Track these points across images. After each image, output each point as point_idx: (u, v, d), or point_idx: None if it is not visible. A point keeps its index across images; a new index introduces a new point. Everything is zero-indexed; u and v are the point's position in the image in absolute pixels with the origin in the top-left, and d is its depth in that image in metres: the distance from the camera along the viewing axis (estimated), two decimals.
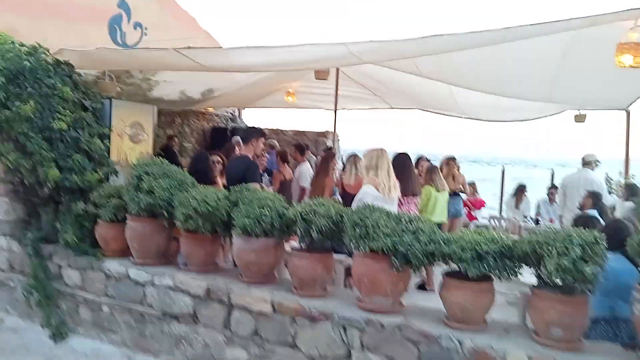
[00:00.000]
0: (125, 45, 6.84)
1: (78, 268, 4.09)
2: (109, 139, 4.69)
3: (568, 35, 4.25)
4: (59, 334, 4.03)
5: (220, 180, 5.15)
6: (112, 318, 3.94)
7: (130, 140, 5.43)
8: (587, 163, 6.97)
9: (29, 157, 4.05)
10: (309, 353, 3.15)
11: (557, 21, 3.36)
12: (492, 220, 9.24)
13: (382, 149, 4.51)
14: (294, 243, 4.02)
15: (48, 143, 4.07)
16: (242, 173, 4.45)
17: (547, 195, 9.12)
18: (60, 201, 4.21)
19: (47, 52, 4.35)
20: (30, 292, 4.16)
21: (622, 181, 7.20)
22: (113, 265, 3.93)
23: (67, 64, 4.47)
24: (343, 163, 7.37)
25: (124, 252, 4.03)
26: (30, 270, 4.18)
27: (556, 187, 9.16)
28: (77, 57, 4.52)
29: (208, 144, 11.33)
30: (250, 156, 4.76)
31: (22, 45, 4.29)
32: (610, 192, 7.09)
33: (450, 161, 8.15)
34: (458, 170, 8.14)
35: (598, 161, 7.08)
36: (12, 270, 4.45)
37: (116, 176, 4.56)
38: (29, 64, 4.10)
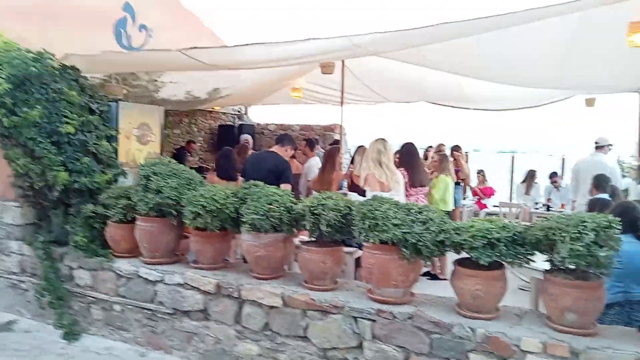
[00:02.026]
0: (130, 48, 6.86)
1: (89, 269, 4.12)
2: (117, 141, 4.72)
3: (576, 18, 4.17)
4: (71, 334, 4.07)
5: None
6: (124, 316, 3.97)
7: (138, 142, 5.47)
8: (599, 147, 6.82)
9: (38, 162, 4.09)
10: (320, 345, 3.15)
11: (566, 2, 3.29)
12: (502, 208, 9.15)
13: (376, 140, 4.48)
14: (304, 237, 4.02)
15: (56, 147, 4.10)
16: (278, 171, 4.50)
17: (551, 183, 9.03)
18: (70, 204, 4.24)
19: (53, 58, 4.38)
20: (42, 293, 4.20)
21: (635, 164, 7.08)
22: (123, 265, 3.95)
23: (74, 68, 4.50)
24: (351, 156, 7.36)
25: (134, 252, 4.06)
26: (41, 272, 4.23)
27: (556, 174, 9.08)
28: (83, 62, 4.55)
29: (216, 142, 11.39)
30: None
31: (28, 51, 4.32)
32: (623, 176, 6.95)
33: (454, 151, 8.13)
34: (463, 159, 8.13)
35: (611, 145, 6.92)
36: (24, 273, 4.50)
37: (125, 177, 4.58)
38: (35, 70, 4.13)
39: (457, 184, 7.82)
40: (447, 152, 8.01)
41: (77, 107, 4.28)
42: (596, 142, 6.85)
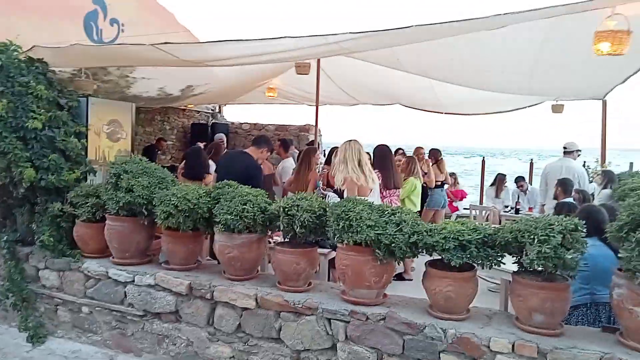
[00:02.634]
0: (101, 42, 6.71)
1: (56, 269, 4.00)
2: (86, 137, 4.60)
3: (546, 25, 4.30)
4: (36, 337, 3.94)
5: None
6: (92, 319, 3.87)
7: (108, 139, 5.34)
8: (568, 152, 7.00)
9: (2, 157, 3.94)
10: (294, 347, 3.15)
11: (534, 9, 3.38)
12: (473, 211, 9.33)
13: (349, 141, 4.49)
14: (277, 238, 4.00)
15: (22, 142, 3.96)
16: (248, 175, 4.42)
17: (517, 187, 9.24)
18: (36, 202, 4.11)
19: (19, 50, 4.23)
20: (5, 295, 4.05)
21: (599, 169, 7.32)
22: (92, 266, 3.85)
23: (41, 61, 4.36)
24: (324, 157, 7.37)
25: (104, 252, 3.96)
26: (5, 273, 4.08)
27: (523, 178, 9.31)
28: (51, 54, 4.41)
29: (189, 141, 11.25)
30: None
31: None
32: (590, 181, 7.16)
33: (437, 153, 8.27)
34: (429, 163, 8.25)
35: (579, 150, 7.12)
36: None
37: (94, 175, 4.47)
38: (0, 62, 3.99)
39: (438, 186, 7.94)
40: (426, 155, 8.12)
41: (45, 101, 4.15)
42: (564, 147, 7.04)
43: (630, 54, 4.11)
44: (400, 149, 9.16)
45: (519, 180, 9.28)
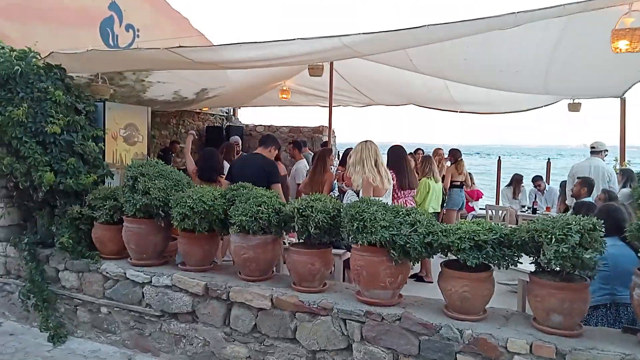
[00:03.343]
0: (117, 47, 6.82)
1: (75, 271, 4.07)
2: (104, 141, 4.67)
3: (561, 23, 4.24)
4: (57, 337, 4.02)
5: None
6: (111, 319, 3.93)
7: (125, 142, 5.42)
8: (596, 152, 6.87)
9: (23, 161, 4.03)
10: (309, 347, 3.15)
11: (550, 7, 3.34)
12: (489, 211, 9.24)
13: (365, 142, 4.48)
14: (292, 239, 4.02)
15: (42, 147, 4.05)
16: (265, 173, 4.48)
17: (534, 187, 9.12)
18: (56, 205, 4.18)
19: (38, 56, 4.32)
20: (27, 296, 4.14)
21: (618, 167, 7.19)
22: (110, 267, 3.91)
23: (59, 67, 4.44)
24: (339, 158, 7.37)
25: (121, 254, 4.02)
26: (26, 274, 4.16)
27: (541, 178, 9.18)
28: (68, 60, 4.50)
29: (203, 143, 11.34)
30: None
31: (13, 49, 4.26)
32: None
33: (456, 153, 8.22)
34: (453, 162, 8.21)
35: (607, 150, 6.97)
36: (8, 275, 4.43)
37: (112, 178, 4.54)
38: (19, 69, 4.07)
39: (457, 186, 7.90)
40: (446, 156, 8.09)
41: (63, 106, 4.23)
42: (592, 147, 6.89)
43: None
44: (419, 149, 9.12)
45: (536, 179, 9.16)
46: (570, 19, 3.98)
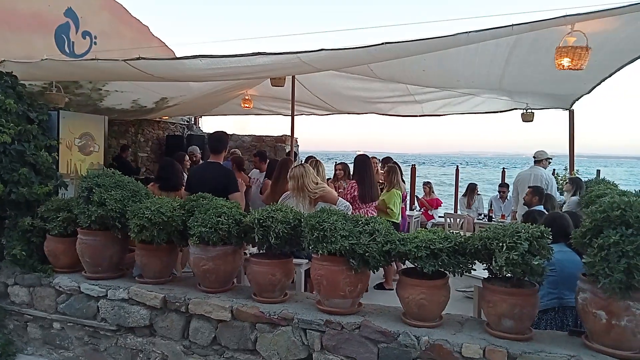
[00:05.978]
0: (73, 55, 6.64)
1: (26, 285, 3.92)
2: (58, 151, 4.54)
3: (511, 42, 4.45)
4: (5, 355, 3.84)
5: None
6: (64, 334, 3.80)
7: (80, 152, 5.28)
8: (537, 161, 7.20)
9: None
10: (270, 358, 3.14)
11: (500, 27, 3.50)
12: (448, 219, 9.47)
13: (305, 163, 4.54)
14: (253, 249, 4.00)
15: None
16: (223, 183, 4.40)
17: (498, 192, 9.46)
18: (6, 216, 4.03)
19: None
20: None
21: (568, 176, 7.54)
22: (64, 281, 3.79)
23: (10, 75, 4.30)
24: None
25: (75, 267, 3.90)
26: None
27: (507, 185, 9.52)
28: (21, 69, 4.36)
29: (164, 152, 11.14)
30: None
31: None
32: (558, 189, 7.37)
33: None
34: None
35: (550, 158, 7.32)
36: None
37: (66, 189, 4.41)
38: None
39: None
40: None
41: (14, 115, 4.10)
42: (534, 157, 7.25)
43: (592, 67, 4.28)
44: (373, 157, 9.20)
45: (502, 186, 9.51)
46: (520, 37, 4.17)
